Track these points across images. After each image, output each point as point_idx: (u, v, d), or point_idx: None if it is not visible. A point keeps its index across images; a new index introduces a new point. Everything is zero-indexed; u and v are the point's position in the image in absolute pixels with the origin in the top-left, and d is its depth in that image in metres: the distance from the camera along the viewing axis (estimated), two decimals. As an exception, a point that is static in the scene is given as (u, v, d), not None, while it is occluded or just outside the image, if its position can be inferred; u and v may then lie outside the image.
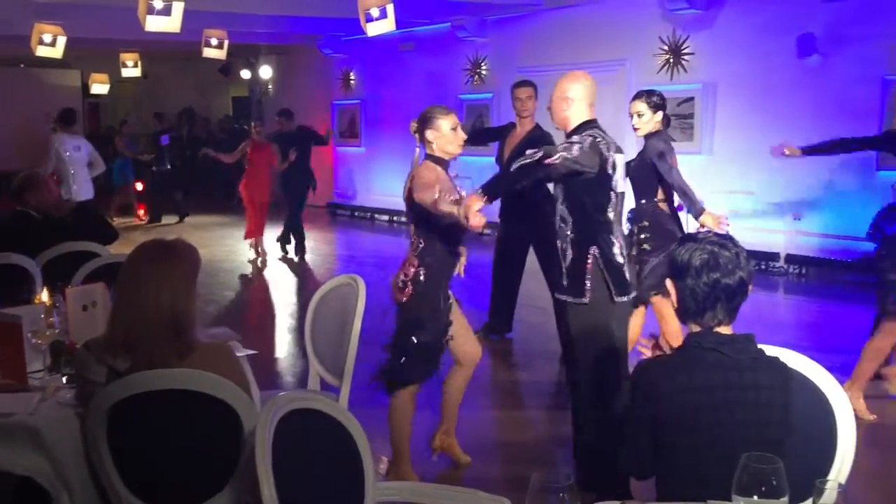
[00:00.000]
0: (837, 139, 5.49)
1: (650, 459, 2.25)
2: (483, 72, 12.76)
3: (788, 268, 9.43)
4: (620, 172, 3.74)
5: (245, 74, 17.66)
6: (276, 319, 8.15)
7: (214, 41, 10.75)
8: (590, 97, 3.76)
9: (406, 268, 3.89)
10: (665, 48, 10.26)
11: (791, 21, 9.10)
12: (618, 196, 3.73)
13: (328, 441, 2.33)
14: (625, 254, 3.73)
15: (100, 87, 14.71)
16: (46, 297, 3.38)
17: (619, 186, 3.73)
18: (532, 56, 11.56)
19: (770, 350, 2.30)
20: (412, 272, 3.86)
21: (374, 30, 7.59)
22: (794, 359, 2.42)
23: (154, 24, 7.38)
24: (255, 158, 10.20)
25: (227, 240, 12.33)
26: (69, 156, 9.60)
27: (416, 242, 3.88)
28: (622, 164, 3.76)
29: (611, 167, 3.64)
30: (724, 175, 9.43)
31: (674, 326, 4.94)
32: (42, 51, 9.60)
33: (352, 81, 15.34)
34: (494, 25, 12.39)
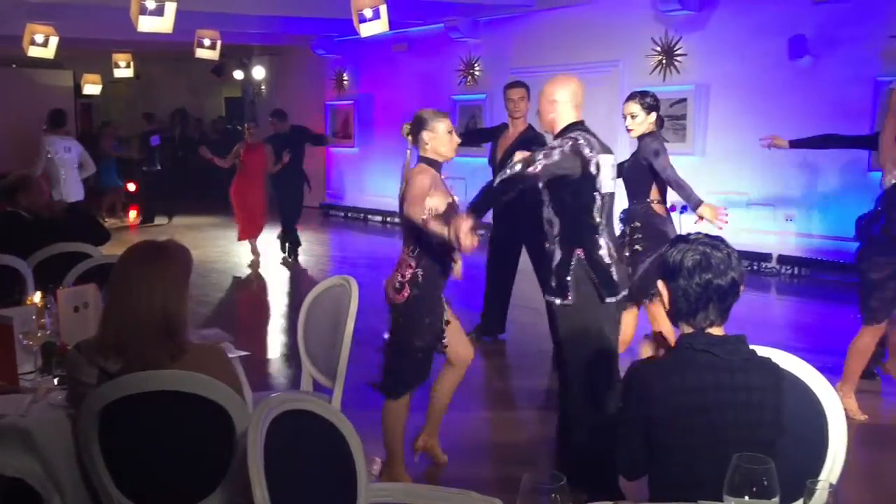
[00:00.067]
0: (826, 134, 5.55)
1: (643, 460, 2.26)
2: (476, 72, 12.76)
3: (780, 268, 9.46)
4: (606, 173, 3.69)
5: (238, 75, 17.64)
6: (269, 321, 8.13)
7: (207, 42, 10.70)
8: (575, 99, 3.77)
9: (402, 269, 3.85)
10: (658, 49, 10.28)
11: (783, 22, 9.14)
12: (604, 197, 3.69)
13: (320, 442, 2.33)
14: (613, 255, 3.70)
15: (92, 88, 14.65)
16: (38, 299, 3.37)
17: (605, 187, 3.69)
18: (525, 57, 11.57)
19: (762, 351, 2.31)
20: (409, 273, 3.82)
21: (367, 30, 7.57)
22: (786, 359, 2.43)
23: (146, 25, 7.36)
24: (249, 160, 10.10)
25: (220, 241, 12.29)
26: (59, 157, 9.57)
27: (412, 243, 3.84)
28: (609, 165, 3.72)
29: (594, 168, 3.61)
30: (717, 176, 9.45)
31: (666, 328, 4.94)
32: (34, 51, 9.55)
33: (345, 82, 15.32)
34: (487, 26, 12.40)
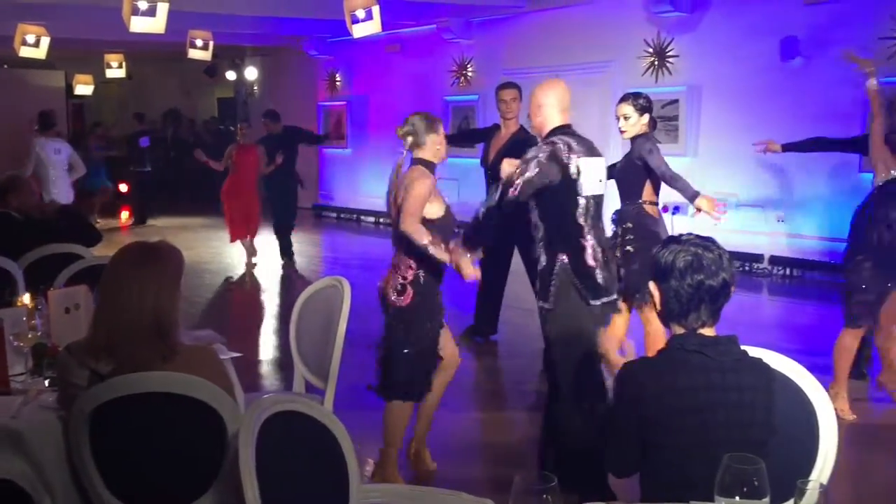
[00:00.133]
0: (817, 138, 5.62)
1: (635, 459, 2.26)
2: (468, 73, 12.77)
3: (772, 269, 9.49)
4: (590, 176, 3.68)
5: (230, 75, 17.62)
6: (261, 322, 8.11)
7: (199, 42, 10.67)
8: (561, 103, 3.79)
9: (402, 270, 3.82)
10: (650, 51, 10.30)
11: (774, 24, 9.16)
12: (588, 200, 3.68)
13: (312, 443, 2.33)
14: (599, 258, 3.69)
15: (84, 88, 14.62)
16: (28, 300, 3.36)
17: (588, 190, 3.68)
18: (517, 58, 11.58)
19: (753, 351, 2.31)
20: (411, 274, 3.80)
21: (360, 31, 7.57)
22: (777, 360, 2.44)
23: (139, 25, 7.34)
24: (241, 162, 10.01)
25: (213, 242, 12.26)
26: (49, 159, 9.54)
27: (409, 244, 3.76)
28: (594, 168, 3.71)
29: (574, 171, 3.61)
30: (709, 177, 9.44)
31: (657, 329, 4.95)
32: (25, 51, 9.52)
33: (337, 83, 15.31)
34: (480, 27, 12.41)
